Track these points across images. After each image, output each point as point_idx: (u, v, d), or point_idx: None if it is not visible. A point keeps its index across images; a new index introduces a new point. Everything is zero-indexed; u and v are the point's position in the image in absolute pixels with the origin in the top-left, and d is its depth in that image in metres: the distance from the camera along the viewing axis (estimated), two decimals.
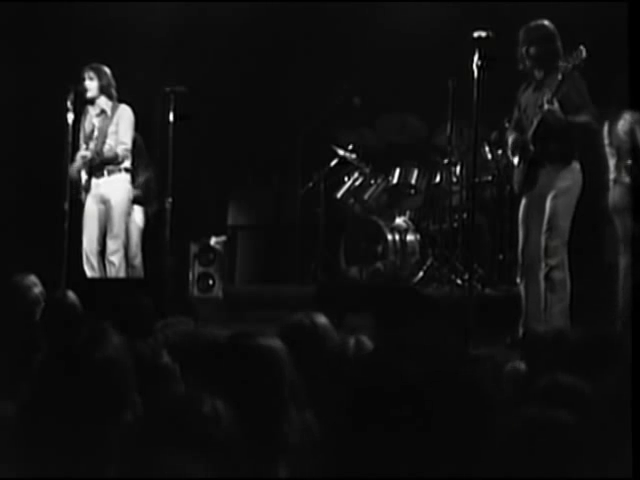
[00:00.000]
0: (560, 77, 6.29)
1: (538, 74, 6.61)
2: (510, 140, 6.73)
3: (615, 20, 6.14)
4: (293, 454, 2.56)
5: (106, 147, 7.96)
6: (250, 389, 2.61)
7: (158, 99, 8.18)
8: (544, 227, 6.51)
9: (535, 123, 6.45)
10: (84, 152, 7.97)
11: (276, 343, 2.76)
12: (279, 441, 2.59)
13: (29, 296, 5.37)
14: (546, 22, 6.59)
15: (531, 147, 6.53)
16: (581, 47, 6.25)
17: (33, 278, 5.53)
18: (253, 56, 9.57)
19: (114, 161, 7.96)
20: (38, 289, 5.48)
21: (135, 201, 8.60)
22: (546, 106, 6.33)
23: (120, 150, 7.95)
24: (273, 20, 9.59)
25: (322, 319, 3.44)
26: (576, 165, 6.56)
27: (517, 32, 6.61)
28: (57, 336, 2.82)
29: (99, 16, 9.29)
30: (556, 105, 6.33)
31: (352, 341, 3.35)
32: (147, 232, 8.75)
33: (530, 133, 6.52)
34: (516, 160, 6.70)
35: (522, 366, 3.47)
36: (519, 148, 6.63)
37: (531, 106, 6.59)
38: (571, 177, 6.54)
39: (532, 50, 6.55)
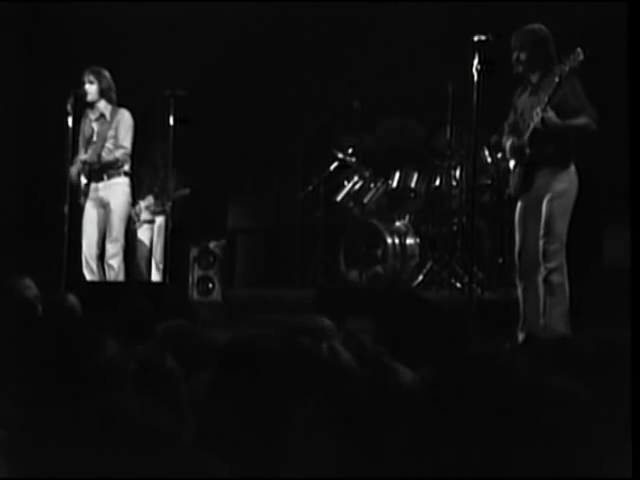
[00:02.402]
0: (557, 80, 6.29)
1: (533, 78, 6.60)
2: (507, 144, 6.72)
3: (615, 20, 6.12)
4: (295, 455, 2.56)
5: (105, 151, 7.96)
6: (252, 392, 2.61)
7: (158, 102, 8.18)
8: (541, 231, 6.49)
9: (532, 127, 6.45)
10: (83, 156, 7.97)
11: (278, 345, 2.76)
12: (281, 442, 2.59)
13: (22, 299, 5.35)
14: (538, 26, 6.58)
15: (527, 150, 6.52)
16: (578, 49, 6.25)
17: (27, 281, 5.52)
18: (253, 59, 9.57)
19: (113, 165, 7.97)
20: (32, 292, 5.47)
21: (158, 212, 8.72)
22: (540, 114, 6.33)
23: (119, 154, 7.96)
24: (273, 24, 9.59)
25: (326, 322, 3.44)
26: (572, 167, 6.55)
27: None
28: (56, 340, 2.82)
29: (99, 19, 9.30)
30: (551, 113, 6.32)
31: (325, 347, 3.34)
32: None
33: (526, 137, 6.51)
34: (512, 163, 6.70)
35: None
36: (516, 152, 6.62)
37: (527, 110, 6.58)
38: (567, 179, 6.53)
39: (525, 55, 6.54)
